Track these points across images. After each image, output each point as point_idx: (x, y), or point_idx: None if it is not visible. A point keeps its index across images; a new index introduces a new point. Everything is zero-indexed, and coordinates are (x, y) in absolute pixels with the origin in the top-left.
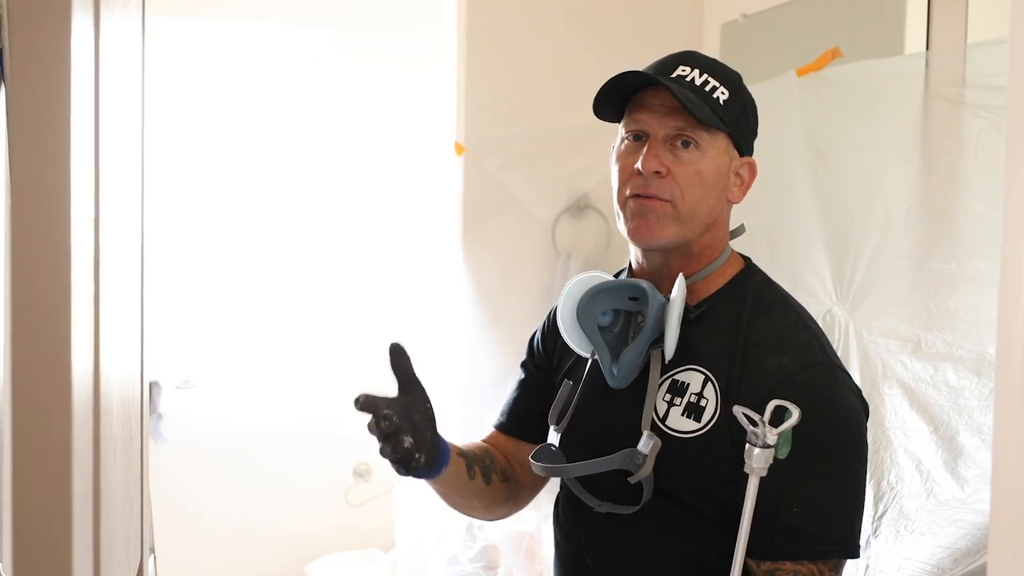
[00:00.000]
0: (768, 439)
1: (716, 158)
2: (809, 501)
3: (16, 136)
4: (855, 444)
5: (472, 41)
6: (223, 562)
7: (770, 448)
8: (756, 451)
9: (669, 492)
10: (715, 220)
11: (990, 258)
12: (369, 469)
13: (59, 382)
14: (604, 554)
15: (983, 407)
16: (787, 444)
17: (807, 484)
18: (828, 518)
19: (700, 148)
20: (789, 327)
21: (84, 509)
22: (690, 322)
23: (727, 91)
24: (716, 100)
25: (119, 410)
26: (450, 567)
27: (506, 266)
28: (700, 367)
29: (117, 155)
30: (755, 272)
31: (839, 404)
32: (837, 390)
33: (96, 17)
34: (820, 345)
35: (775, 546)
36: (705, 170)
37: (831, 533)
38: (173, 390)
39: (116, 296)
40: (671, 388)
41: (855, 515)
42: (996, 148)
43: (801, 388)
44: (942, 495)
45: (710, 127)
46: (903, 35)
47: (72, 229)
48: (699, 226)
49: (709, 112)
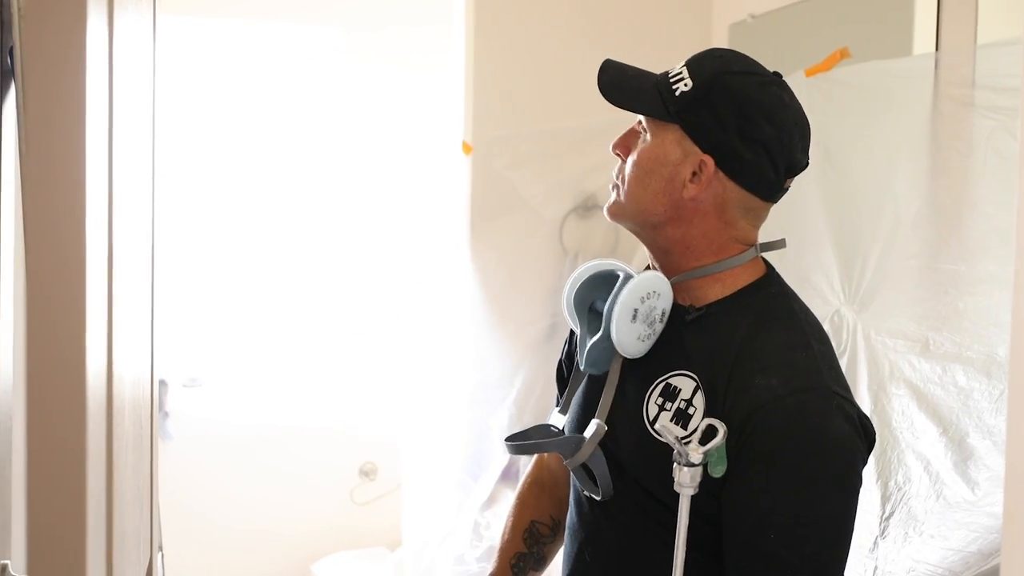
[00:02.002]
0: (692, 458)
1: (657, 147)
2: (785, 527)
3: (31, 136)
4: (840, 473)
5: (480, 40)
6: (229, 560)
7: (696, 467)
8: (684, 469)
9: (653, 494)
10: (678, 215)
11: (999, 259)
12: (375, 468)
13: (74, 381)
14: (599, 551)
15: (993, 409)
16: (721, 463)
17: (784, 510)
18: (803, 548)
19: (648, 137)
20: (787, 347)
21: (98, 508)
22: (687, 324)
23: (692, 83)
24: (674, 92)
25: (131, 409)
26: (456, 566)
27: (513, 266)
28: (692, 374)
29: (130, 154)
30: (772, 284)
31: (827, 431)
32: (828, 417)
33: (110, 16)
34: (818, 368)
35: (749, 570)
36: (642, 157)
37: (806, 563)
38: (180, 388)
39: (128, 295)
40: (664, 392)
41: (835, 546)
42: (1005, 149)
43: (789, 412)
44: (952, 497)
45: (659, 118)
46: (912, 35)
47: (87, 229)
48: (645, 214)
49: (634, 100)
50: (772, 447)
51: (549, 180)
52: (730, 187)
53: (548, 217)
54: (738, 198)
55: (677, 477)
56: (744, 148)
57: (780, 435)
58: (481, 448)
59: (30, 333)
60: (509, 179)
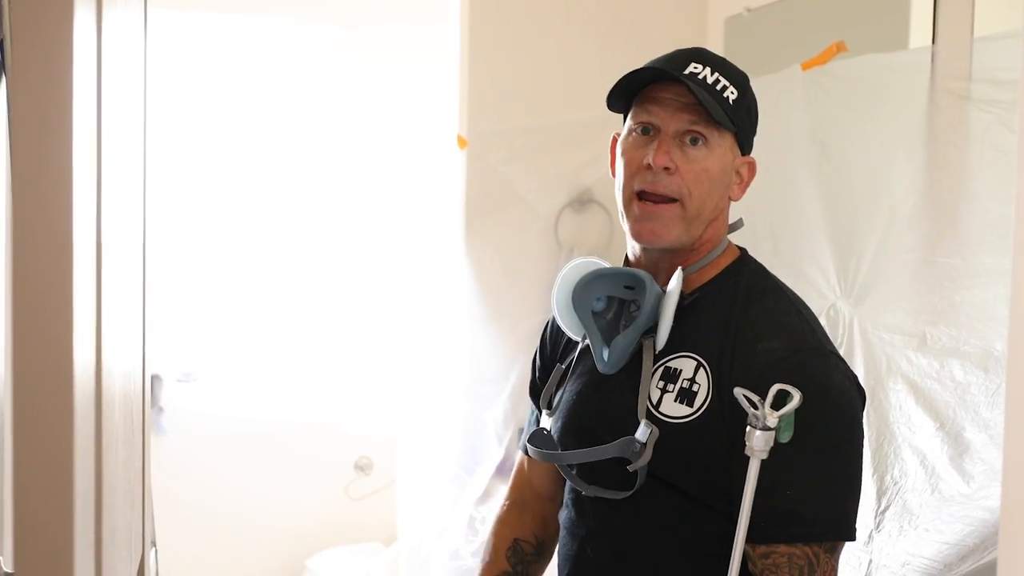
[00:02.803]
0: (768, 422)
1: (722, 156)
2: (802, 484)
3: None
4: (848, 427)
5: (475, 35)
6: (224, 556)
7: (770, 431)
8: (757, 433)
9: (664, 478)
10: (716, 217)
11: (996, 253)
12: (370, 463)
13: (61, 376)
14: (603, 544)
15: (990, 403)
16: (789, 428)
17: (799, 467)
18: (820, 501)
19: (708, 146)
20: (781, 313)
21: (86, 503)
22: (683, 309)
23: (736, 91)
24: (727, 99)
25: (121, 403)
26: (452, 561)
27: (508, 260)
28: (692, 353)
29: (119, 148)
30: (749, 262)
31: (831, 387)
32: (828, 373)
33: (98, 10)
34: (812, 330)
35: (769, 529)
36: (712, 168)
37: (824, 516)
38: (174, 383)
39: (118, 289)
40: (664, 375)
41: (849, 498)
42: (1002, 143)
43: (792, 371)
44: (947, 491)
45: (720, 126)
46: (908, 29)
47: (74, 222)
48: (703, 224)
49: (721, 111)
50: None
51: (544, 175)
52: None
53: (543, 212)
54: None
55: (750, 442)
56: (751, 147)
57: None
58: (476, 443)
59: (16, 327)
60: (504, 174)
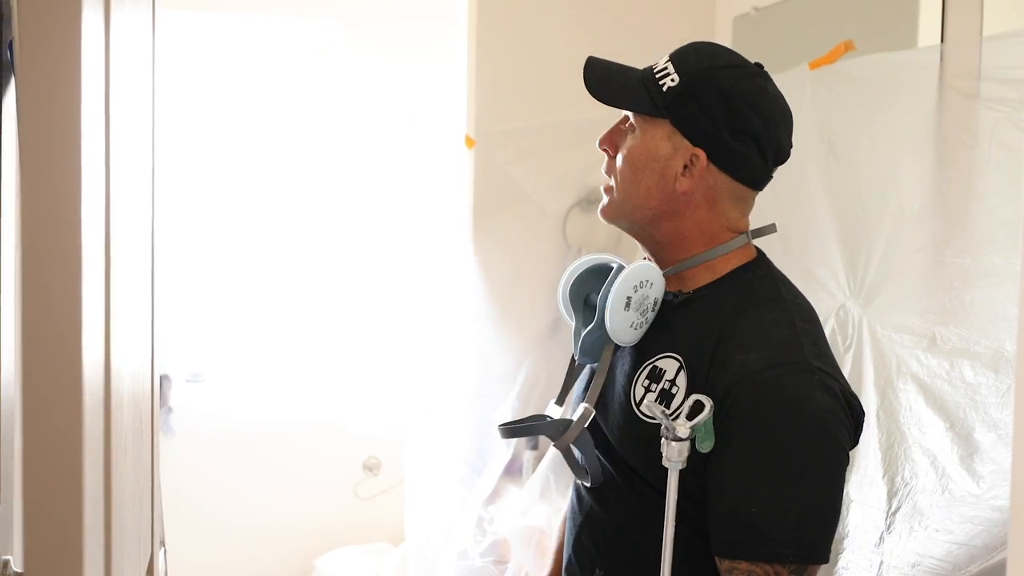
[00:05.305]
0: (679, 432)
1: (649, 142)
2: (767, 502)
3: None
4: (821, 447)
5: (482, 34)
6: (233, 556)
7: (683, 441)
8: (672, 444)
9: (643, 476)
10: (671, 209)
11: (1005, 252)
12: (379, 463)
13: (70, 376)
14: (595, 534)
15: (1000, 403)
16: (709, 438)
17: (766, 484)
18: (785, 521)
19: (636, 132)
20: (770, 324)
21: (96, 503)
22: (674, 308)
23: (678, 77)
24: (660, 87)
25: (130, 404)
26: (460, 561)
27: (516, 260)
28: (676, 355)
29: (128, 148)
30: (760, 267)
31: (806, 405)
32: (806, 391)
33: (106, 10)
34: (799, 344)
35: (732, 544)
36: (633, 152)
37: (787, 536)
38: (183, 384)
39: (127, 289)
40: (651, 374)
41: (817, 520)
42: (1011, 142)
43: (764, 386)
44: (957, 491)
45: (649, 114)
46: (917, 27)
47: (83, 222)
48: (639, 211)
49: (623, 96)
50: (750, 421)
51: (552, 174)
52: (721, 178)
53: (551, 211)
54: (728, 188)
55: (665, 452)
56: (734, 140)
57: (757, 409)
58: (484, 443)
59: (26, 328)
60: (512, 173)
